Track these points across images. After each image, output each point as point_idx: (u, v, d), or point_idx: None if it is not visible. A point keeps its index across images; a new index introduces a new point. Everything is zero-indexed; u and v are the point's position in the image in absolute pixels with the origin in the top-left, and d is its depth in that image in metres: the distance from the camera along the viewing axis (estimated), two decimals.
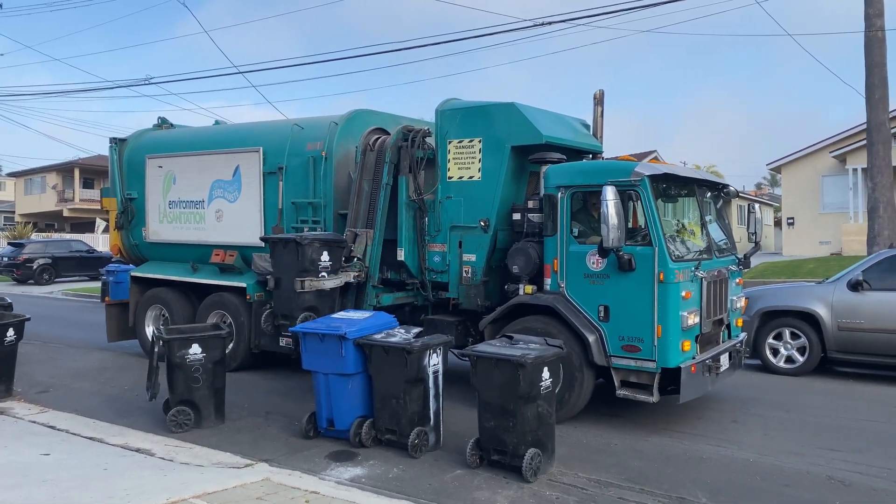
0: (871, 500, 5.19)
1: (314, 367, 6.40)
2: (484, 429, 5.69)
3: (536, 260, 7.26)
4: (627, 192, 6.78)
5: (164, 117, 11.62)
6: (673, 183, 7.29)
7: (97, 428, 6.91)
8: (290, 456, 6.09)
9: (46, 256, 26.95)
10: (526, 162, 7.81)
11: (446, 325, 8.02)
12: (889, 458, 6.07)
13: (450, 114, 8.06)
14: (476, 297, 7.82)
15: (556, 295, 7.09)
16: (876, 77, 16.16)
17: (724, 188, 8.11)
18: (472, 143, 7.86)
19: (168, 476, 5.40)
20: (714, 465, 5.93)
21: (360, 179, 8.49)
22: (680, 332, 6.54)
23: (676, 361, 6.51)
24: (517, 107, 7.63)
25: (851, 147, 24.22)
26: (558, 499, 5.15)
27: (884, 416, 7.43)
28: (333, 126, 8.79)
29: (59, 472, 5.43)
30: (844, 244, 23.49)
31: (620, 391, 6.77)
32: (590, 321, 6.86)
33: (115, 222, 11.01)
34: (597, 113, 8.65)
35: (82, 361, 10.69)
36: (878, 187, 16.41)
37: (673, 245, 6.72)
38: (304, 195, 8.93)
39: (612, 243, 6.33)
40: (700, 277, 6.81)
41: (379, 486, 5.35)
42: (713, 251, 7.34)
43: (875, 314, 8.88)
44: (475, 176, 7.85)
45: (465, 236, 7.91)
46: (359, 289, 8.33)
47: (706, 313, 6.93)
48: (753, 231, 8.42)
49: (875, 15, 16.15)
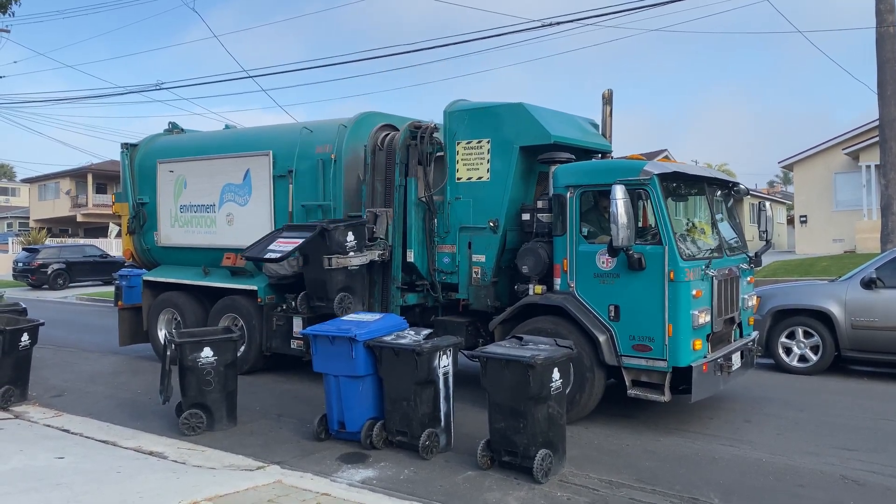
0: (886, 500, 5.14)
1: (325, 369, 6.42)
2: (494, 430, 5.69)
3: (546, 260, 7.25)
4: (637, 191, 6.77)
5: (174, 122, 11.71)
6: (682, 181, 7.25)
7: (110, 431, 6.96)
8: (302, 458, 6.12)
9: (60, 261, 27.20)
10: (534, 162, 7.79)
11: (456, 325, 8.02)
12: None
13: (458, 115, 8.07)
14: (486, 297, 7.81)
15: (566, 295, 7.07)
16: (888, 73, 16.06)
17: (733, 186, 8.07)
18: (481, 144, 7.87)
19: (180, 479, 5.43)
20: (727, 465, 5.90)
21: (373, 180, 8.51)
22: (691, 330, 6.51)
23: (687, 360, 6.49)
24: (525, 107, 7.63)
25: (864, 144, 24.02)
26: (569, 500, 5.13)
27: None
28: (342, 129, 8.83)
29: (74, 476, 5.48)
30: (858, 242, 23.30)
31: (632, 391, 6.75)
32: (600, 321, 6.84)
33: (127, 227, 11.08)
34: (606, 112, 8.63)
35: (96, 365, 10.78)
36: (892, 184, 16.29)
37: (683, 244, 6.69)
38: (313, 198, 8.97)
39: (621, 242, 6.31)
40: (711, 276, 6.78)
41: (390, 488, 5.35)
42: (724, 250, 7.30)
43: (889, 312, 8.79)
44: (484, 176, 7.85)
45: (474, 237, 7.91)
46: (384, 287, 8.39)
47: (717, 312, 6.90)
48: (764, 229, 8.39)
49: (886, 11, 16.05)
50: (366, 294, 8.43)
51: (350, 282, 8.02)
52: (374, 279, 8.55)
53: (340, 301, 7.88)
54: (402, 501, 5.04)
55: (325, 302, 7.92)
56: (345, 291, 7.93)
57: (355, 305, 7.99)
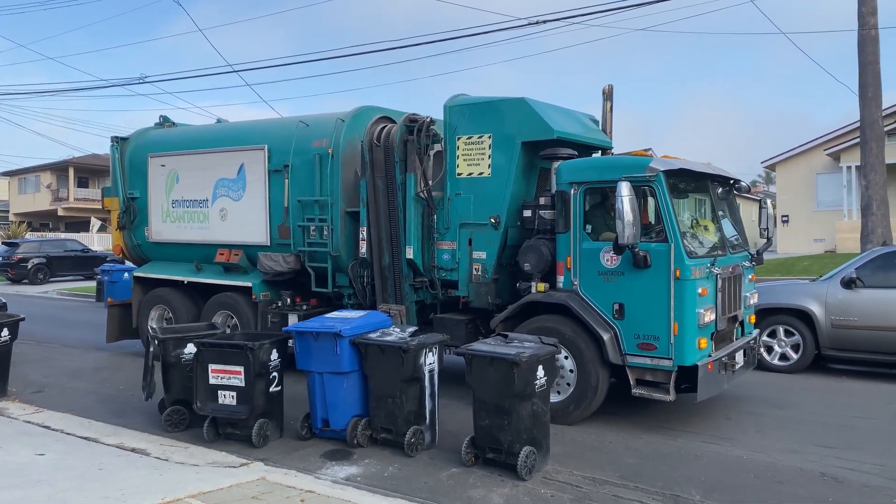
0: (865, 497, 5.21)
1: (309, 366, 6.39)
2: (479, 427, 5.71)
3: (549, 257, 7.16)
4: (642, 188, 6.68)
5: (165, 115, 11.51)
6: (687, 178, 7.18)
7: (92, 428, 6.90)
8: (286, 455, 6.10)
9: (41, 256, 26.88)
10: (536, 158, 7.69)
11: (456, 323, 7.90)
12: (882, 454, 6.10)
13: (458, 109, 7.93)
14: (487, 294, 7.71)
15: (570, 293, 7.00)
16: (869, 75, 16.22)
17: (734, 183, 7.98)
18: (482, 139, 7.75)
19: (163, 476, 5.40)
20: (708, 462, 5.96)
21: (373, 177, 8.38)
22: (696, 329, 6.46)
23: (693, 359, 6.43)
24: (528, 102, 7.51)
25: (845, 145, 24.32)
26: (553, 496, 5.16)
27: (877, 413, 7.47)
28: (340, 123, 8.72)
29: (55, 473, 5.43)
30: (839, 242, 23.58)
31: (636, 390, 6.67)
32: (604, 319, 6.77)
33: (118, 222, 10.90)
34: (606, 108, 8.50)
35: (78, 361, 10.68)
36: (872, 185, 16.48)
37: (688, 241, 6.63)
38: (310, 193, 8.87)
39: (627, 240, 6.24)
40: (716, 274, 6.74)
41: (374, 485, 5.36)
42: (727, 247, 7.27)
43: (868, 311, 8.92)
44: (485, 172, 7.73)
45: (474, 233, 7.80)
46: (396, 286, 8.32)
47: (721, 310, 6.86)
48: (765, 227, 8.25)
49: (868, 13, 16.21)
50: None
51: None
52: (385, 275, 8.41)
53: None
54: (387, 498, 5.05)
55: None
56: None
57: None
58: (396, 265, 8.34)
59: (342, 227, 8.65)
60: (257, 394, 6.28)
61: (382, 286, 8.46)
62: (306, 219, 8.92)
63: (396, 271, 8.35)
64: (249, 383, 6.24)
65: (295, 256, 9.01)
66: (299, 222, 8.97)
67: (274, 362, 6.44)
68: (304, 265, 9.00)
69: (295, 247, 9.05)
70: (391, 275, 8.38)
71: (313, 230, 8.86)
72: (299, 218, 8.98)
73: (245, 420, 6.30)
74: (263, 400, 6.35)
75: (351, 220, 8.70)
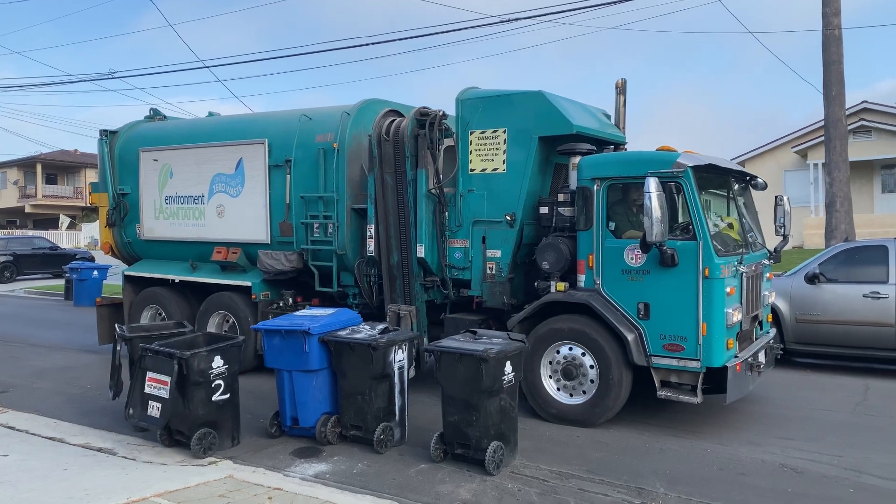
0: (822, 487, 5.36)
1: (277, 364, 6.37)
2: (448, 423, 5.75)
3: (568, 255, 6.95)
4: (668, 184, 6.42)
5: (156, 108, 11.21)
6: (711, 174, 7.01)
7: (58, 428, 6.83)
8: (254, 454, 6.09)
9: (8, 254, 26.36)
10: (552, 153, 7.53)
11: (468, 323, 7.53)
12: (840, 446, 6.27)
13: (471, 103, 7.67)
14: (501, 294, 7.48)
15: (592, 292, 6.79)
16: (833, 74, 16.53)
17: (751, 180, 7.85)
18: (497, 134, 7.50)
19: (130, 475, 5.37)
20: (673, 455, 6.07)
21: (382, 173, 8.12)
22: (724, 329, 6.31)
23: (722, 360, 6.29)
24: (545, 95, 7.28)
25: (812, 142, 24.76)
26: (520, 491, 5.23)
27: (837, 406, 7.65)
28: (345, 116, 8.48)
29: (19, 474, 5.37)
30: (805, 238, 24.01)
31: (661, 392, 6.53)
32: (628, 319, 6.58)
33: (107, 219, 10.52)
34: (619, 102, 8.32)
35: (45, 360, 10.52)
36: (836, 182, 16.82)
37: (716, 239, 6.48)
38: (314, 189, 8.63)
39: (655, 237, 6.07)
40: (742, 273, 6.64)
41: (343, 482, 5.38)
42: (750, 245, 7.20)
43: (830, 306, 9.13)
44: (499, 168, 7.48)
45: (489, 231, 7.56)
46: (405, 286, 8.12)
47: (746, 309, 6.78)
48: (782, 223, 8.03)
49: (832, 14, 16.52)
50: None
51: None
52: (393, 274, 8.19)
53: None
54: (355, 495, 5.08)
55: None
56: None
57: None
58: (405, 264, 8.10)
59: (348, 224, 8.41)
60: (196, 403, 5.90)
61: (391, 286, 8.20)
62: (310, 216, 8.69)
63: (406, 270, 8.10)
64: (174, 396, 5.80)
65: (298, 255, 8.78)
66: (302, 219, 8.74)
67: (217, 370, 6.02)
68: (308, 264, 8.78)
69: (297, 245, 8.81)
70: (400, 274, 8.12)
71: (317, 227, 8.62)
72: (302, 215, 8.74)
73: (188, 429, 5.93)
74: (205, 409, 5.96)
75: (357, 217, 8.47)
